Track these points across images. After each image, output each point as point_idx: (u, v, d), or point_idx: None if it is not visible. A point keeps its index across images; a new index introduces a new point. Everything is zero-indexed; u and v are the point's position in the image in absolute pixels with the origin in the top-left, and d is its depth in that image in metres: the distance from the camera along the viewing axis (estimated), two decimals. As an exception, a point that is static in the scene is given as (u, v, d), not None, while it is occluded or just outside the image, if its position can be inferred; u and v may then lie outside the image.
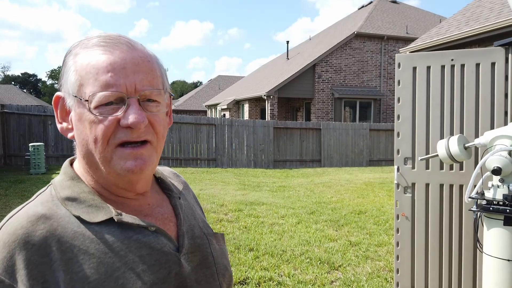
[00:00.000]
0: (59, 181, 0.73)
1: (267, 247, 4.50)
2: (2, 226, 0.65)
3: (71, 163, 0.77)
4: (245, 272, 3.72)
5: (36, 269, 0.61)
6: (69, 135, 0.72)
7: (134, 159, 0.67)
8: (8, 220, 0.66)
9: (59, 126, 0.73)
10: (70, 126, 0.72)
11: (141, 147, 0.68)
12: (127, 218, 0.70)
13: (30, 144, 9.33)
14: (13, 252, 0.61)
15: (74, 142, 0.73)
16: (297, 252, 4.38)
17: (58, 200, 0.69)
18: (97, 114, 0.66)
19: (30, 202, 0.70)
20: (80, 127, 0.68)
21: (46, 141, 11.13)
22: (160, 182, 0.86)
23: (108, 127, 0.66)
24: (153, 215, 0.76)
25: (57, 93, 0.73)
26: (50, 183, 0.74)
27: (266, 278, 3.61)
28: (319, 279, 3.64)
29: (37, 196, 0.71)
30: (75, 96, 0.68)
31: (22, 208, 0.68)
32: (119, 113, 0.66)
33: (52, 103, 0.74)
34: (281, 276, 3.72)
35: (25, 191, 6.98)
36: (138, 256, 0.68)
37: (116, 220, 0.68)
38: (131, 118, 0.65)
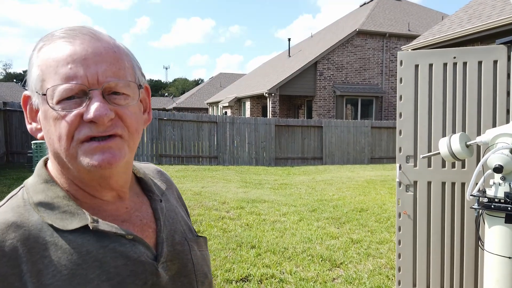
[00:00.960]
0: (32, 184, 0.68)
1: (269, 244, 4.52)
2: None
3: (46, 163, 0.72)
4: (247, 269, 3.74)
5: (5, 281, 0.57)
6: (39, 136, 0.68)
7: (101, 153, 0.63)
8: None
9: (28, 127, 0.69)
10: (39, 126, 0.68)
11: (109, 140, 0.63)
12: (104, 226, 0.65)
13: (33, 142, 9.36)
14: None
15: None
16: (298, 249, 4.39)
17: (30, 205, 0.65)
18: (59, 109, 0.62)
19: (0, 206, 0.65)
20: (47, 125, 0.64)
21: (48, 138, 11.15)
22: (141, 182, 0.81)
23: (71, 122, 0.62)
24: (131, 220, 0.72)
25: (25, 92, 0.69)
26: (22, 185, 0.70)
27: (268, 275, 3.63)
28: (321, 276, 3.66)
29: (7, 200, 0.67)
30: (37, 93, 0.64)
31: None
32: (82, 107, 0.62)
33: (21, 102, 0.70)
34: (283, 273, 3.73)
35: (28, 189, 7.00)
36: (114, 266, 0.64)
37: (91, 228, 0.64)
38: (92, 111, 0.61)
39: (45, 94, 0.62)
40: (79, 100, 0.62)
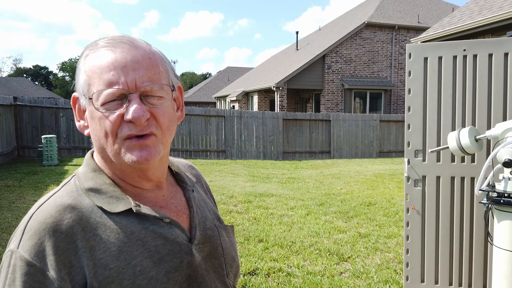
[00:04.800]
0: (83, 173, 0.78)
1: (276, 238, 4.53)
2: (33, 214, 0.70)
3: (92, 155, 0.82)
4: (255, 263, 3.76)
5: (63, 255, 0.66)
6: (86, 132, 0.77)
7: (140, 150, 0.72)
8: (38, 208, 0.71)
9: (77, 124, 0.79)
10: (86, 124, 0.77)
11: (145, 138, 0.72)
12: (145, 209, 0.75)
13: (43, 136, 9.46)
14: (43, 239, 0.66)
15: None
16: (306, 243, 4.40)
17: (82, 191, 0.75)
18: (103, 111, 0.71)
19: (57, 191, 0.75)
20: (93, 124, 0.73)
21: (58, 133, 11.27)
22: (175, 174, 0.90)
23: (114, 122, 0.70)
24: (167, 207, 0.81)
25: (74, 94, 0.78)
26: (74, 174, 0.80)
27: (276, 269, 3.64)
28: (328, 270, 3.66)
29: (62, 186, 0.77)
30: (84, 96, 0.74)
31: (50, 198, 0.73)
32: (123, 109, 0.70)
33: (71, 102, 0.80)
34: (291, 267, 3.74)
35: (39, 182, 7.10)
36: (154, 246, 0.73)
37: (134, 211, 0.73)
38: (131, 113, 0.69)
39: (91, 98, 0.71)
40: (120, 102, 0.71)
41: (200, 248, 0.80)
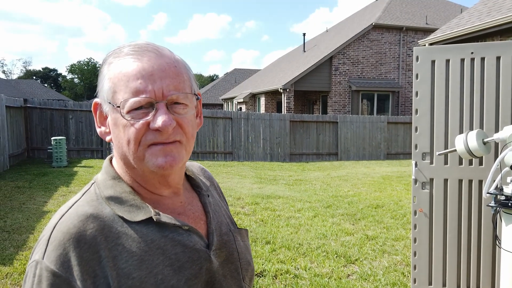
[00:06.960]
0: (102, 180, 0.78)
1: (283, 240, 4.54)
2: (56, 224, 0.71)
3: (111, 161, 0.82)
4: (262, 264, 3.77)
5: (87, 265, 0.67)
6: (107, 138, 0.78)
7: (164, 156, 0.72)
8: (60, 218, 0.72)
9: (98, 130, 0.79)
10: (107, 130, 0.77)
11: (171, 144, 0.72)
12: (164, 218, 0.75)
13: (52, 138, 9.57)
14: (68, 250, 0.67)
15: (112, 144, 0.79)
16: (313, 245, 4.40)
17: (102, 199, 0.75)
18: (129, 118, 0.71)
19: (77, 201, 0.76)
20: (116, 130, 0.74)
21: (67, 134, 11.40)
22: (189, 179, 0.91)
23: (139, 130, 0.71)
24: (185, 213, 0.82)
25: (95, 100, 0.78)
26: (93, 181, 0.80)
27: (283, 271, 3.65)
28: (336, 273, 3.67)
29: (82, 195, 0.77)
30: (109, 103, 0.74)
31: (71, 207, 0.74)
32: (149, 117, 0.71)
33: (92, 108, 0.80)
34: (298, 269, 3.75)
35: (48, 184, 7.19)
36: (174, 253, 0.74)
37: (155, 220, 0.74)
38: (159, 121, 0.69)
39: (118, 106, 0.71)
40: (146, 110, 0.71)
41: (217, 253, 0.80)
